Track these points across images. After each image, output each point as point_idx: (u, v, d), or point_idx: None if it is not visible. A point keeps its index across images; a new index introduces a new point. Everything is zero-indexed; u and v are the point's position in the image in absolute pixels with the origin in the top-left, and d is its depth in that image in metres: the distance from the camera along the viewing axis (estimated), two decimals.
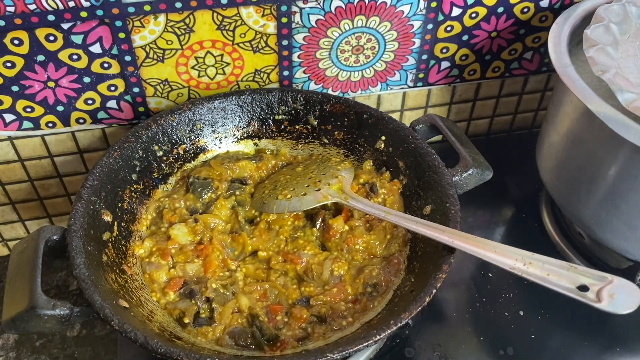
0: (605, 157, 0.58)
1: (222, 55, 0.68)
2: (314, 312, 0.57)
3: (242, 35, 0.67)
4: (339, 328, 0.56)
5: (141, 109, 0.70)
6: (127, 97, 0.68)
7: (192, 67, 0.68)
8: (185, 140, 0.68)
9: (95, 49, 0.63)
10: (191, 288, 0.58)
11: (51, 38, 0.61)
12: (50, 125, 0.68)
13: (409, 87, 0.78)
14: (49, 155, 0.71)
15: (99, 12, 0.60)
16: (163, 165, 0.67)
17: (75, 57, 0.63)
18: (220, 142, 0.70)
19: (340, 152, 0.70)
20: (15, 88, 0.64)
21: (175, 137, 0.67)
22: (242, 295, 0.58)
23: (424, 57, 0.75)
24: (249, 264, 0.61)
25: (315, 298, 0.58)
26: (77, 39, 0.62)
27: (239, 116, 0.70)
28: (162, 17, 0.63)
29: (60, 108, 0.67)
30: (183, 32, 0.64)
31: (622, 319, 0.63)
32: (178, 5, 0.62)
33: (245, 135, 0.71)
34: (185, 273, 0.59)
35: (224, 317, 0.56)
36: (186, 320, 0.55)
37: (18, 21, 0.58)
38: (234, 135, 0.70)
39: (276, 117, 0.70)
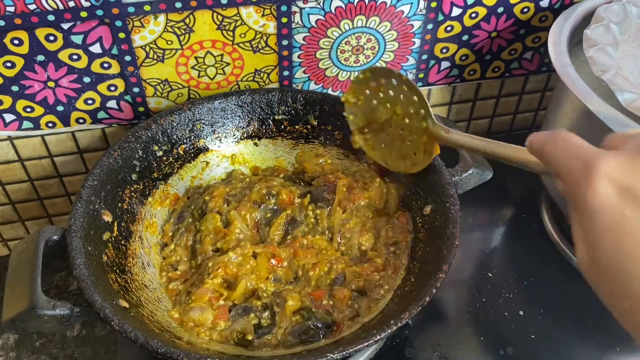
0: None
1: (222, 55, 0.68)
2: (354, 288, 0.58)
3: (242, 35, 0.67)
4: (378, 297, 0.58)
5: (141, 109, 0.70)
6: (127, 97, 0.68)
7: (192, 67, 0.68)
8: (185, 141, 0.68)
9: (95, 49, 0.63)
10: (243, 306, 0.57)
11: (51, 38, 0.61)
12: (50, 125, 0.68)
13: None
14: (49, 155, 0.71)
15: (99, 12, 0.60)
16: (163, 165, 0.67)
17: (75, 57, 0.63)
18: (220, 142, 0.70)
19: (340, 152, 0.70)
20: (15, 88, 0.64)
21: (175, 137, 0.67)
22: (291, 294, 0.58)
23: (424, 57, 0.75)
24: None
25: (350, 271, 0.60)
26: (77, 39, 0.62)
27: (239, 116, 0.70)
28: (162, 17, 0.63)
29: (60, 108, 0.67)
30: (183, 32, 0.64)
31: None
32: (178, 5, 0.62)
33: (245, 136, 0.71)
34: (229, 298, 0.58)
35: (284, 319, 0.56)
36: (250, 337, 0.55)
37: (18, 21, 0.58)
38: (234, 135, 0.71)
39: (276, 117, 0.70)
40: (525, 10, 0.73)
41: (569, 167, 0.32)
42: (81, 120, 0.69)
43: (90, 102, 0.67)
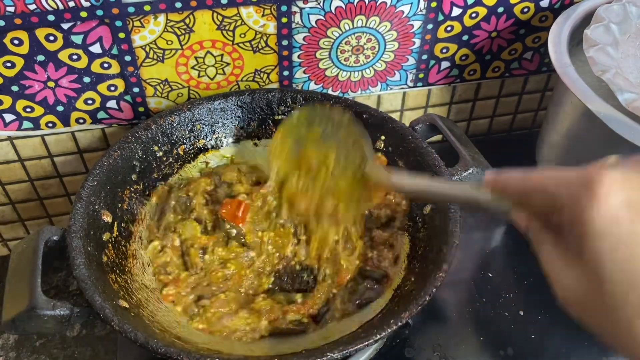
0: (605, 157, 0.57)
1: (222, 55, 0.68)
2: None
3: (242, 35, 0.67)
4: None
5: (141, 109, 0.70)
6: (127, 97, 0.68)
7: (192, 67, 0.68)
8: (185, 141, 0.68)
9: (95, 49, 0.63)
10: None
11: (51, 38, 0.61)
12: (50, 125, 0.68)
13: (409, 87, 0.78)
14: (49, 155, 0.71)
15: (99, 12, 0.60)
16: (163, 165, 0.67)
17: (75, 57, 0.63)
18: (220, 143, 0.70)
19: None
20: (15, 88, 0.64)
21: (175, 137, 0.67)
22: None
23: (424, 57, 0.75)
24: None
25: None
26: (77, 39, 0.62)
27: (239, 116, 0.70)
28: (162, 17, 0.63)
29: (60, 108, 0.67)
30: (183, 32, 0.64)
31: None
32: (178, 5, 0.62)
33: (245, 136, 0.71)
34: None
35: (340, 291, 0.59)
36: (298, 299, 0.59)
37: (18, 21, 0.58)
38: (234, 135, 0.71)
39: (276, 117, 0.70)
40: (525, 10, 0.73)
41: (564, 185, 0.30)
42: (81, 120, 0.69)
43: (90, 102, 0.67)
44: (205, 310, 0.57)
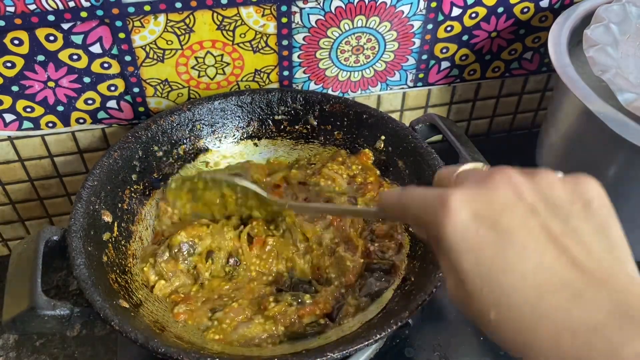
0: (605, 157, 0.58)
1: (222, 55, 0.68)
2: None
3: (242, 35, 0.67)
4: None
5: (141, 109, 0.70)
6: (127, 97, 0.68)
7: (192, 67, 0.68)
8: (185, 141, 0.68)
9: (95, 49, 0.63)
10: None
11: (51, 38, 0.61)
12: (50, 125, 0.68)
13: (409, 87, 0.78)
14: (49, 155, 0.71)
15: (99, 12, 0.60)
16: (163, 165, 0.67)
17: (75, 57, 0.63)
18: (220, 143, 0.70)
19: (340, 153, 0.70)
20: (15, 88, 0.64)
21: (175, 137, 0.67)
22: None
23: (424, 57, 0.75)
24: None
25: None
26: (77, 39, 0.62)
27: (239, 116, 0.70)
28: (162, 17, 0.63)
29: (60, 108, 0.67)
30: (183, 32, 0.64)
31: None
32: (178, 5, 0.62)
33: (245, 136, 0.71)
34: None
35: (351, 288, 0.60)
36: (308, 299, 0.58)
37: (18, 21, 0.58)
38: (234, 135, 0.71)
39: (276, 117, 0.70)
40: (525, 10, 0.73)
41: (425, 206, 0.35)
42: (81, 120, 0.69)
43: (90, 102, 0.67)
44: (220, 322, 0.56)
